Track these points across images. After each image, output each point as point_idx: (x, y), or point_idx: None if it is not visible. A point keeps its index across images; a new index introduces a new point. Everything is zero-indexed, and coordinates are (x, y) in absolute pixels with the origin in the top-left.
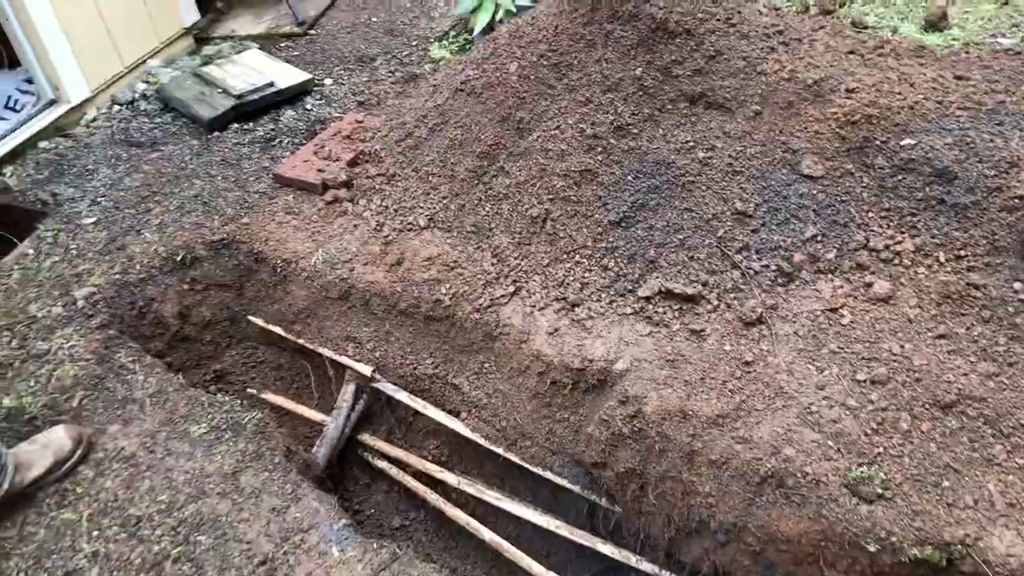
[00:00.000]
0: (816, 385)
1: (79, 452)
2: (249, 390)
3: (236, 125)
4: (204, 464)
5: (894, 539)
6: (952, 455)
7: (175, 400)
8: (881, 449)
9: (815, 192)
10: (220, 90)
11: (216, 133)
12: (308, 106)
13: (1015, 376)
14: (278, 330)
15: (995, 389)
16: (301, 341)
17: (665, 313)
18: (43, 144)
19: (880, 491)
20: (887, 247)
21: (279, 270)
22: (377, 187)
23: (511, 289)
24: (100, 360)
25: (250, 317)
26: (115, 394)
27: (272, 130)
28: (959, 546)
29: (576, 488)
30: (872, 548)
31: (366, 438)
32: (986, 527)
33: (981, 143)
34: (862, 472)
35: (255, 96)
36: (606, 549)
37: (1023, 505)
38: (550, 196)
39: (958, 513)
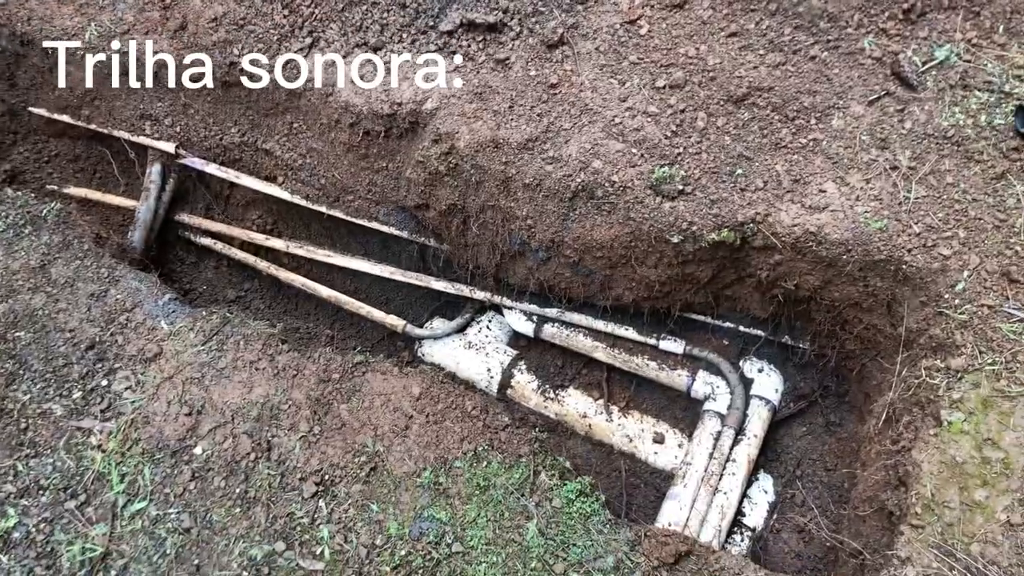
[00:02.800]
0: (619, 98)
1: None
2: (48, 186)
3: None
4: (7, 262)
5: (695, 228)
6: (745, 144)
7: None
8: (681, 149)
9: None
10: None
11: None
12: None
13: (799, 63)
14: (65, 118)
15: (781, 77)
16: (93, 126)
17: (469, 46)
18: None
19: (681, 187)
20: None
21: (51, 52)
22: None
23: (308, 41)
24: None
25: (31, 108)
26: None
27: None
28: (751, 224)
29: (404, 233)
30: (676, 239)
31: (184, 217)
32: (774, 204)
33: None
34: (664, 172)
35: None
36: (440, 285)
37: (806, 180)
38: None
39: (750, 196)
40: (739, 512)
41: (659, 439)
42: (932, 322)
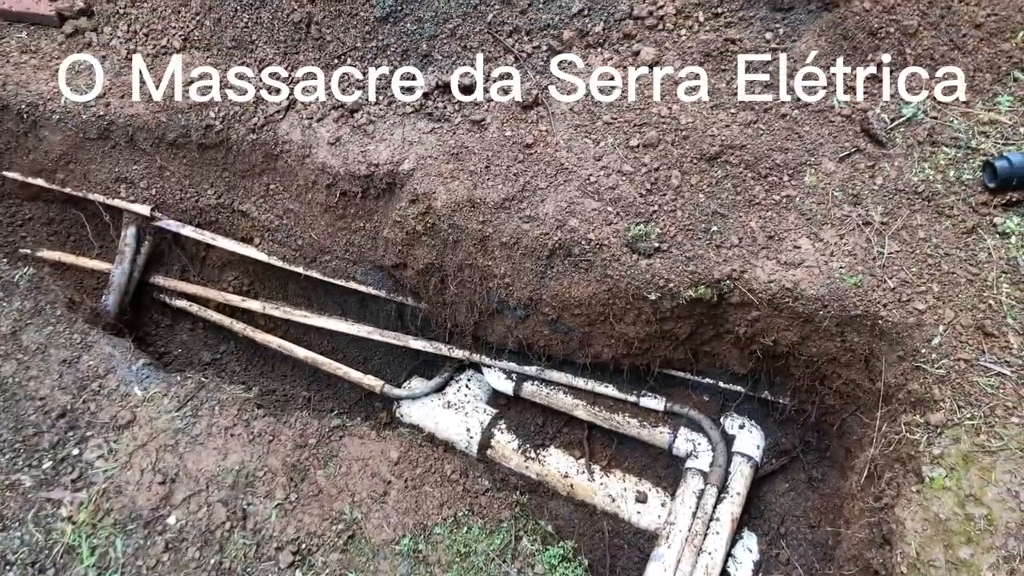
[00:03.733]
0: (593, 157)
1: None
2: (21, 250)
3: None
4: None
5: (672, 285)
6: (719, 202)
7: None
8: (656, 207)
9: None
10: None
11: None
12: None
13: (770, 121)
14: (40, 182)
15: (753, 135)
16: (68, 190)
17: (445, 107)
18: None
19: (657, 244)
20: (650, 13)
21: (26, 116)
22: (121, 11)
23: (285, 103)
24: None
25: (5, 172)
26: None
27: None
28: (728, 281)
29: (381, 293)
30: (653, 296)
31: (159, 280)
32: (750, 260)
33: None
34: (640, 230)
35: None
36: (418, 344)
37: (780, 236)
38: None
39: (725, 252)
40: (724, 572)
41: (642, 498)
42: (910, 377)
